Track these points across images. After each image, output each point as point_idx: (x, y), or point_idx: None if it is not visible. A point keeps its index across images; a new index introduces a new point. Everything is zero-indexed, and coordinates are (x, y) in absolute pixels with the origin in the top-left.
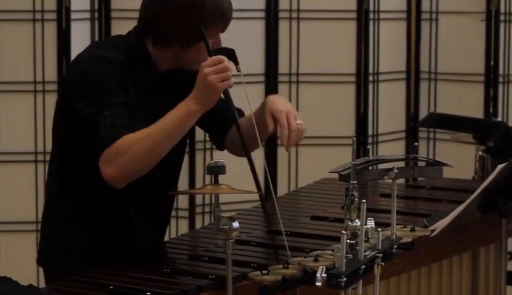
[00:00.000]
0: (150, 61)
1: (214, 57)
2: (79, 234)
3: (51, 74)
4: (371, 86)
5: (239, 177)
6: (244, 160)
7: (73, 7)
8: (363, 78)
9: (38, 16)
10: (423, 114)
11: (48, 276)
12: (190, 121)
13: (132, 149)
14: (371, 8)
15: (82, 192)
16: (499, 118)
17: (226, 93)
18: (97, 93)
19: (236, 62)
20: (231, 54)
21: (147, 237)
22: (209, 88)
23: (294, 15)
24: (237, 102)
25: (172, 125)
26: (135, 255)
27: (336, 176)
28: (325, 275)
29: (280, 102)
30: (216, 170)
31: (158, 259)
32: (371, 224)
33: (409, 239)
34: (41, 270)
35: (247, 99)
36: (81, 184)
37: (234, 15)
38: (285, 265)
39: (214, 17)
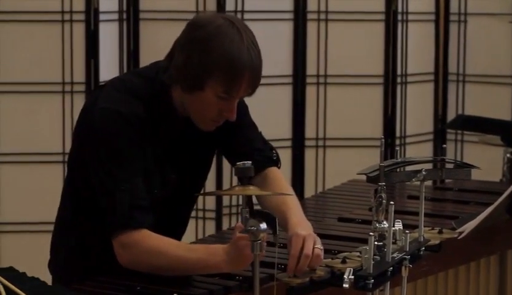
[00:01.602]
0: (172, 108)
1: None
2: (86, 255)
3: (80, 75)
4: (399, 87)
5: None
6: None
7: (101, 8)
8: (391, 79)
9: (66, 17)
10: (451, 115)
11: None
12: (212, 271)
13: (148, 259)
14: (400, 9)
15: (93, 219)
16: None
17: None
18: (111, 159)
19: (275, 232)
20: (272, 222)
21: None
22: (240, 254)
23: (323, 16)
24: (262, 104)
25: (195, 265)
26: None
27: (363, 177)
28: (353, 277)
29: (303, 226)
30: (244, 171)
31: None
32: (398, 225)
33: (437, 242)
34: None
35: None
36: (92, 212)
37: (263, 16)
38: None
39: (218, 70)
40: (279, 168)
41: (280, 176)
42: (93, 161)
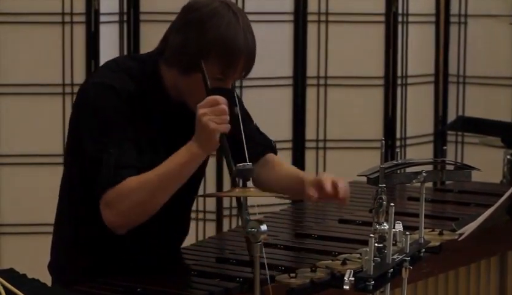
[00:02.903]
0: (163, 89)
1: (210, 97)
2: (85, 255)
3: (80, 76)
4: (399, 89)
5: None
6: None
7: (102, 9)
8: (392, 81)
9: (67, 18)
10: (451, 117)
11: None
12: (193, 166)
13: (132, 196)
14: (400, 11)
15: (91, 215)
16: None
17: (222, 139)
18: (101, 128)
19: (234, 104)
20: (229, 95)
21: (158, 258)
22: (204, 130)
23: (323, 18)
24: (262, 106)
25: (175, 171)
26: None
27: (364, 179)
28: (353, 278)
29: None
30: (244, 173)
31: (185, 261)
32: (399, 227)
33: (437, 243)
34: None
35: None
36: (90, 207)
37: (264, 17)
38: (313, 268)
39: (214, 51)
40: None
41: (281, 159)
42: (85, 132)
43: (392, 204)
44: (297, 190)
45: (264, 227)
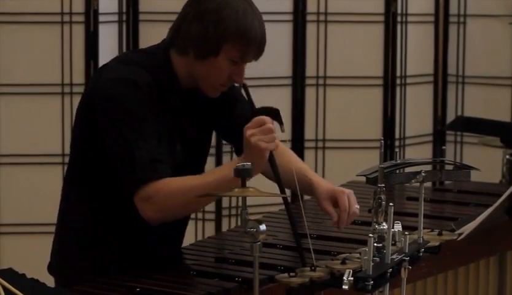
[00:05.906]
0: (176, 79)
1: (257, 118)
2: (92, 251)
3: (79, 76)
4: (398, 89)
5: (265, 180)
6: None
7: (101, 9)
8: (391, 81)
9: (66, 18)
10: (450, 117)
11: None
12: (236, 182)
13: (174, 199)
14: (399, 11)
15: (99, 208)
16: None
17: (271, 156)
18: (128, 123)
19: (281, 123)
20: (275, 114)
21: (163, 252)
22: (254, 150)
23: (322, 17)
24: (261, 105)
25: (218, 184)
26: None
27: (363, 179)
28: (352, 278)
29: (328, 183)
30: (243, 173)
31: (184, 261)
32: (398, 227)
33: (436, 243)
34: None
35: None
36: (99, 200)
37: (263, 17)
38: (313, 268)
39: (234, 35)
40: None
41: (283, 146)
42: (107, 128)
43: (391, 204)
44: (303, 190)
45: (263, 227)
